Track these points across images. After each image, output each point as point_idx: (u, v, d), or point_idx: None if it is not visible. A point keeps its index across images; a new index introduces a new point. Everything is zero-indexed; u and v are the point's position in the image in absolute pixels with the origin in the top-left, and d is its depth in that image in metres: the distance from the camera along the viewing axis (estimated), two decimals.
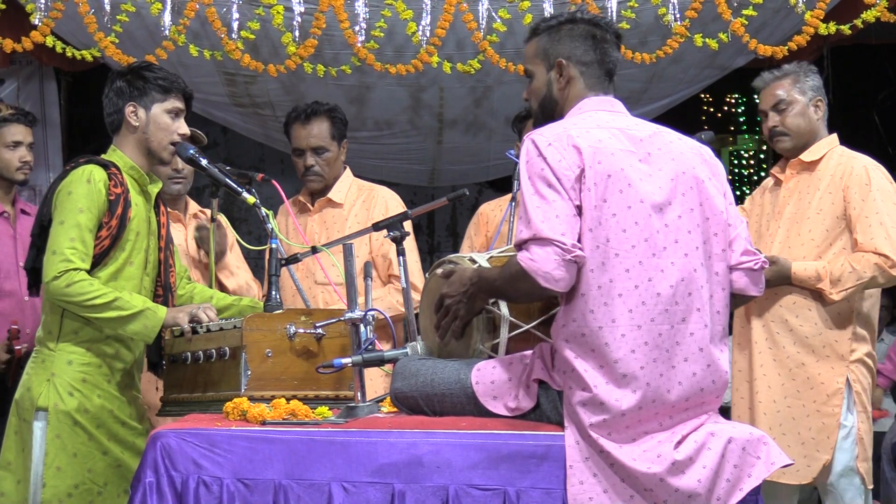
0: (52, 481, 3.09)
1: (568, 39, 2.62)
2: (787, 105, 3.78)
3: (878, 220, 3.57)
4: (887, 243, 3.55)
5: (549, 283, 2.35)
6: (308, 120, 4.11)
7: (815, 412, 3.64)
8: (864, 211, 3.58)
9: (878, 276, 3.55)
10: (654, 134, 2.56)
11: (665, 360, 2.41)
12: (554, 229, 2.36)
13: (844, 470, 3.64)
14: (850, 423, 3.65)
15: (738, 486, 2.42)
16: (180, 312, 3.14)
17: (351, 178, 4.24)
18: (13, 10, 5.42)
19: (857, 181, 3.64)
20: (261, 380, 2.92)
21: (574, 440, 2.39)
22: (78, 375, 3.15)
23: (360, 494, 2.40)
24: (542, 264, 2.35)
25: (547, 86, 2.65)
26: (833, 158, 3.75)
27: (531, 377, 2.48)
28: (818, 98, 3.79)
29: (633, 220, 2.42)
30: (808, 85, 3.79)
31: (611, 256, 2.40)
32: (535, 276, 2.35)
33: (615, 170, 2.43)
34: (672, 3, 5.30)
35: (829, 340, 3.64)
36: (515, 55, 5.51)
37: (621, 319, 2.39)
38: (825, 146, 3.78)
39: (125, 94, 3.26)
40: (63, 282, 3.05)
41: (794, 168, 3.81)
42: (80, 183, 3.13)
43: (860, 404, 3.66)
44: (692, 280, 2.46)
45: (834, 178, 3.68)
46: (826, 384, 3.64)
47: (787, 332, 3.68)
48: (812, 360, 3.66)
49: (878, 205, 3.59)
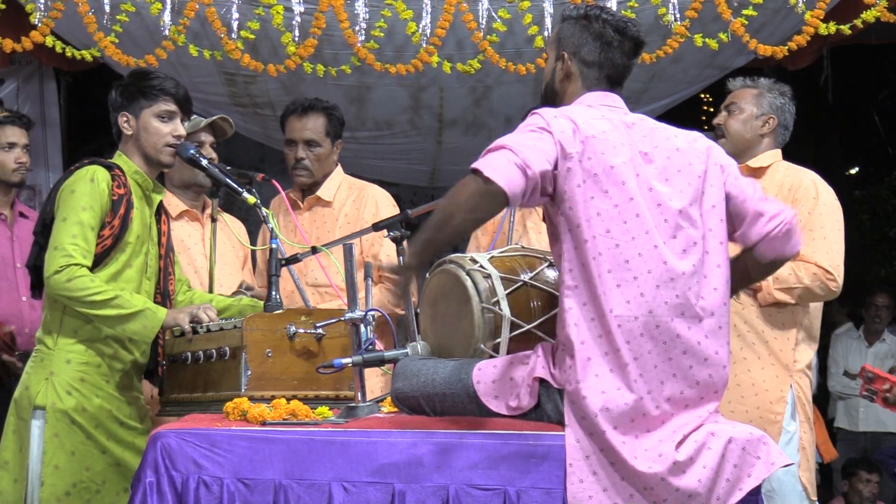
0: (49, 480, 3.09)
1: (579, 35, 2.63)
2: (737, 110, 3.84)
3: (821, 235, 3.64)
4: (827, 258, 3.61)
5: (495, 175, 2.27)
6: (305, 113, 4.12)
7: (757, 418, 3.63)
8: (809, 223, 3.63)
9: (814, 286, 3.60)
10: (655, 128, 2.58)
11: (662, 353, 2.42)
12: (518, 146, 2.34)
13: (785, 475, 3.62)
14: (793, 430, 3.67)
15: (738, 485, 2.42)
16: (180, 313, 3.15)
17: (341, 177, 4.21)
18: (13, 10, 5.42)
19: (805, 193, 3.69)
20: (261, 380, 2.92)
21: (574, 438, 2.39)
22: (76, 375, 3.15)
23: (361, 494, 2.40)
24: (491, 161, 2.31)
25: (551, 74, 2.67)
26: (780, 171, 3.80)
27: (532, 376, 2.49)
28: (770, 116, 3.83)
29: (635, 211, 2.43)
30: (768, 101, 3.84)
31: (611, 247, 2.41)
32: (482, 168, 2.29)
33: (617, 161, 2.44)
34: (672, 3, 5.30)
35: (773, 349, 3.68)
36: (515, 55, 5.51)
37: (619, 310, 2.39)
38: (770, 157, 3.84)
39: (117, 105, 3.32)
40: (64, 276, 3.05)
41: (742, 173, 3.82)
42: (83, 182, 3.15)
43: (803, 413, 3.70)
44: (693, 273, 2.46)
45: (782, 189, 3.73)
46: (770, 391, 3.67)
47: (735, 337, 3.67)
48: (757, 366, 3.69)
49: (823, 219, 3.65)
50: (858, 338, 7.49)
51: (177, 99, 3.32)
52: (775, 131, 3.86)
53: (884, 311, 7.45)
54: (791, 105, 3.89)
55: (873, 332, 7.45)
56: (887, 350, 7.39)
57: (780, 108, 3.85)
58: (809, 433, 3.71)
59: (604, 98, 2.61)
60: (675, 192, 2.49)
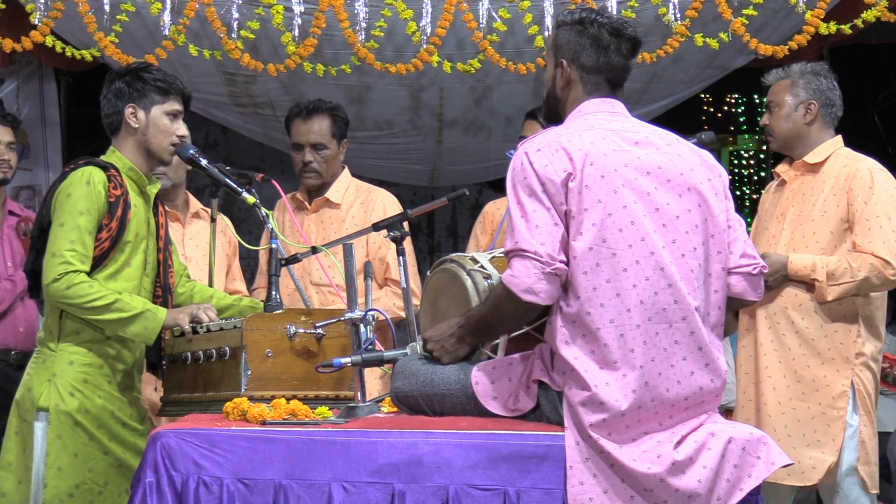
0: (53, 481, 3.09)
1: (576, 41, 2.61)
2: (776, 107, 3.81)
3: (877, 224, 3.57)
4: (885, 247, 3.54)
5: (531, 296, 2.35)
6: (310, 116, 4.11)
7: (820, 414, 3.63)
8: (864, 213, 3.58)
9: (872, 277, 3.55)
10: (651, 135, 2.56)
11: (663, 360, 2.41)
12: (533, 242, 2.36)
13: (849, 469, 3.63)
14: (856, 424, 3.64)
15: (738, 486, 2.42)
16: (180, 313, 3.14)
17: (349, 179, 4.23)
18: (13, 9, 5.42)
19: (860, 183, 3.62)
20: (261, 380, 2.92)
21: (574, 441, 2.39)
22: (79, 376, 3.14)
23: (360, 494, 2.40)
24: (521, 278, 2.36)
25: (552, 81, 2.66)
26: (838, 161, 3.73)
27: (531, 378, 2.48)
28: (810, 101, 3.77)
29: (629, 219, 2.42)
30: (802, 87, 3.78)
31: (608, 256, 2.40)
32: (517, 290, 2.36)
33: (608, 170, 2.43)
34: (672, 2, 5.29)
35: (834, 342, 3.64)
36: (515, 55, 5.51)
37: (619, 319, 2.39)
38: (829, 148, 3.77)
39: (124, 96, 3.25)
40: (63, 284, 3.05)
41: (798, 169, 3.80)
42: (79, 185, 3.12)
43: (863, 407, 3.65)
44: (690, 280, 2.45)
45: (838, 181, 3.67)
46: (831, 386, 3.63)
47: (793, 334, 3.67)
48: (817, 362, 3.65)
49: (879, 208, 3.58)
50: None
51: (184, 99, 3.31)
52: (820, 115, 3.78)
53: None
54: (830, 81, 3.80)
55: None
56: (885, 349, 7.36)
57: (818, 89, 3.78)
58: (869, 426, 3.67)
59: (603, 105, 2.60)
60: (672, 197, 2.48)
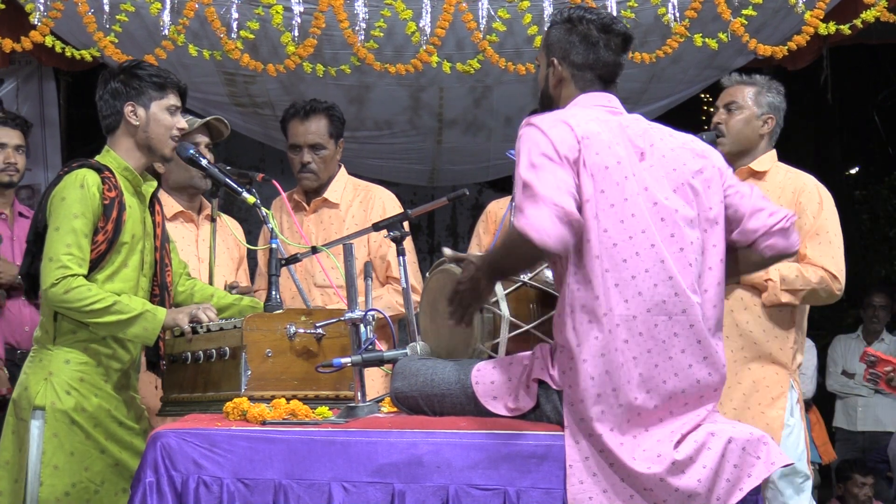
0: (49, 480, 3.09)
1: (566, 39, 2.63)
2: (738, 108, 3.83)
3: (827, 240, 3.70)
4: (833, 263, 3.67)
5: (544, 239, 2.30)
6: (307, 116, 4.11)
7: (759, 414, 3.68)
8: (815, 227, 3.69)
9: (820, 289, 3.66)
10: (649, 129, 2.58)
11: (661, 351, 2.42)
12: (547, 189, 2.34)
13: (787, 469, 3.64)
14: (793, 424, 3.72)
15: (738, 485, 2.43)
16: (180, 313, 3.14)
17: (346, 178, 4.22)
18: (12, 9, 5.42)
19: (810, 198, 3.73)
20: (261, 380, 2.92)
21: (574, 440, 2.39)
22: (75, 375, 3.14)
23: (360, 494, 2.40)
24: (535, 221, 2.31)
25: (545, 80, 2.68)
26: (780, 173, 3.82)
27: (531, 377, 2.49)
28: (770, 115, 3.83)
29: (630, 211, 2.43)
30: (767, 100, 3.84)
31: (608, 247, 2.41)
32: (530, 233, 2.30)
33: (612, 162, 2.44)
34: (672, 3, 5.29)
35: (775, 347, 3.72)
36: (515, 55, 5.51)
37: (618, 309, 2.40)
38: (769, 160, 3.85)
39: (122, 95, 3.25)
40: (61, 289, 3.05)
41: (743, 175, 3.83)
42: (73, 188, 3.12)
43: (799, 410, 3.75)
44: (689, 273, 2.46)
45: (785, 192, 3.75)
46: (771, 387, 3.71)
47: (737, 336, 3.72)
48: (758, 364, 3.72)
49: (829, 224, 3.71)
50: (857, 338, 7.49)
51: (181, 93, 3.31)
52: (773, 132, 3.87)
53: (881, 312, 7.45)
54: (784, 104, 3.90)
55: (872, 332, 7.45)
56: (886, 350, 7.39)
57: (778, 107, 3.86)
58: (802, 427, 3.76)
59: (598, 98, 2.61)
60: (670, 192, 2.50)
